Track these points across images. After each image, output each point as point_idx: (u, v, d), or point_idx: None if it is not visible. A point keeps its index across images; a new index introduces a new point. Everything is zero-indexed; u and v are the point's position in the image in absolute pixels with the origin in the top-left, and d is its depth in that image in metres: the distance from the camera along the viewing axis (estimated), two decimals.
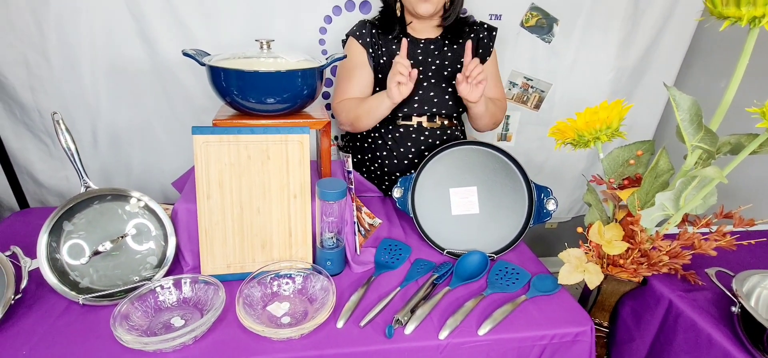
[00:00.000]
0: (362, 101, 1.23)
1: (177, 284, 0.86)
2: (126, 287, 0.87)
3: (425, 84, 1.26)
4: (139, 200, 0.91)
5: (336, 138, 1.72)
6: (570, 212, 2.02)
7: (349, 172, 1.01)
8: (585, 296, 1.19)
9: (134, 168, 1.55)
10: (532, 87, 1.70)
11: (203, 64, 0.84)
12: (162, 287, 0.84)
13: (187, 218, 0.93)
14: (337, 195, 0.88)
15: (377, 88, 1.28)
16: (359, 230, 1.09)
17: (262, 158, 0.86)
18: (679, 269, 1.02)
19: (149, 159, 1.53)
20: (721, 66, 1.68)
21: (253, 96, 0.83)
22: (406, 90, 1.09)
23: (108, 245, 0.85)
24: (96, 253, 0.84)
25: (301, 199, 0.91)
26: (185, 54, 0.85)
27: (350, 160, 0.99)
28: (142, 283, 0.87)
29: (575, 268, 0.95)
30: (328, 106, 1.64)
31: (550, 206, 1.01)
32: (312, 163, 1.17)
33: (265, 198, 0.90)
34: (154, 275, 0.91)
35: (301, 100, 0.90)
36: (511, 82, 1.69)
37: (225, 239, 0.91)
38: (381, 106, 1.17)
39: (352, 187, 0.99)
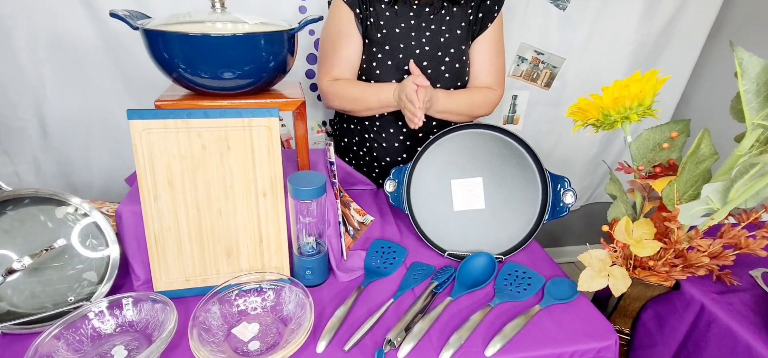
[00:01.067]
0: (363, 95, 1.08)
1: (116, 306, 0.71)
2: (57, 310, 0.71)
3: (418, 52, 1.09)
4: (68, 202, 0.75)
5: (324, 123, 1.55)
6: (578, 201, 1.90)
7: (331, 162, 0.85)
8: (599, 298, 1.06)
9: (94, 162, 1.36)
10: (542, 62, 1.53)
11: (136, 28, 0.66)
12: (95, 312, 0.68)
13: (135, 222, 0.76)
14: (314, 192, 0.72)
15: (364, 57, 1.11)
16: (347, 230, 0.93)
17: (221, 148, 0.70)
18: (715, 270, 0.89)
19: (112, 151, 1.35)
20: (753, 39, 1.51)
21: (205, 69, 0.66)
22: (420, 122, 0.95)
23: (26, 261, 0.68)
24: (10, 271, 0.68)
25: (272, 197, 0.75)
26: (113, 15, 0.67)
27: (332, 148, 0.83)
28: (77, 305, 0.71)
29: (598, 272, 0.81)
30: (313, 87, 1.46)
31: (568, 198, 0.87)
32: (287, 152, 1.01)
33: (228, 197, 0.74)
34: (94, 294, 0.75)
35: (267, 75, 0.72)
36: (519, 57, 1.52)
37: (180, 248, 0.76)
38: (385, 104, 1.06)
39: (336, 181, 0.84)
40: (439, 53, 1.10)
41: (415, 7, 1.09)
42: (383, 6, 1.08)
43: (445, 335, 0.72)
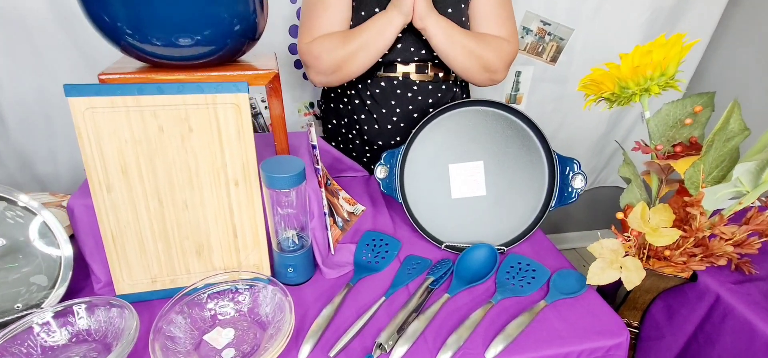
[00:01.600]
0: (352, 32, 0.90)
1: (65, 314, 0.62)
2: (1, 320, 0.62)
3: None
4: (9, 198, 0.65)
5: (312, 105, 1.45)
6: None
7: (313, 146, 0.76)
8: (604, 290, 0.99)
9: (60, 152, 1.26)
10: (549, 34, 1.42)
11: None
12: (38, 322, 0.59)
13: (90, 218, 0.67)
14: (292, 180, 0.63)
15: (352, 25, 0.96)
16: (335, 222, 0.85)
17: (182, 131, 0.60)
18: (735, 259, 0.82)
19: (75, 138, 1.24)
20: None
21: (156, 33, 0.55)
22: None
23: None
24: None
25: (245, 186, 0.66)
26: None
27: (313, 130, 0.73)
28: (22, 314, 0.62)
29: (610, 264, 0.74)
30: (299, 64, 1.35)
31: (577, 183, 0.79)
32: (265, 137, 0.91)
33: (193, 187, 0.64)
34: (45, 299, 0.66)
35: (232, 41, 0.62)
36: (524, 28, 1.41)
37: (143, 246, 0.66)
38: (389, 27, 0.87)
39: (319, 167, 0.75)
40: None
41: None
42: None
43: (442, 335, 0.66)
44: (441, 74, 1.03)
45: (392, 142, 1.09)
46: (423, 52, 0.98)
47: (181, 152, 0.61)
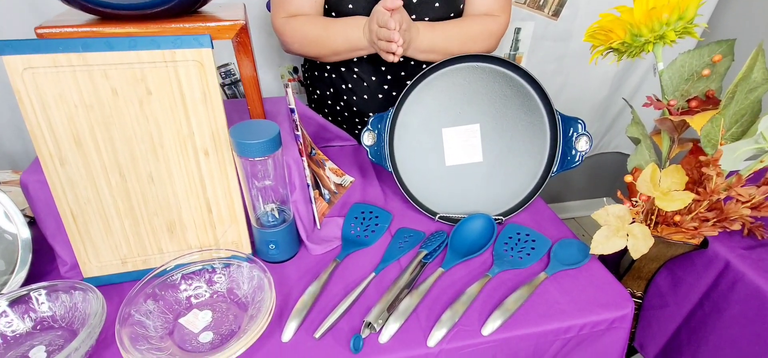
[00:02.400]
0: (326, 33, 0.88)
1: (25, 301, 0.57)
2: None
3: None
4: None
5: (295, 70, 1.37)
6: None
7: (291, 110, 0.69)
8: (606, 260, 0.96)
9: (24, 125, 1.18)
10: None
11: None
12: None
13: (47, 195, 0.61)
14: (265, 146, 0.56)
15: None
16: (322, 194, 0.80)
17: (139, 93, 0.53)
18: (748, 223, 0.77)
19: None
20: None
21: None
22: (399, 56, 0.79)
23: None
24: None
25: (216, 156, 0.60)
26: None
27: (290, 91, 0.66)
28: None
29: (615, 231, 0.69)
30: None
31: (582, 145, 0.73)
32: (238, 103, 0.85)
33: (158, 158, 0.58)
34: (5, 285, 0.61)
35: None
36: None
37: (108, 224, 0.61)
38: (355, 50, 0.88)
39: (299, 133, 0.68)
40: None
41: None
42: None
43: (436, 312, 0.62)
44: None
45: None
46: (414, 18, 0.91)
47: (141, 119, 0.55)
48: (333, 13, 0.91)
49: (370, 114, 1.01)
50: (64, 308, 0.59)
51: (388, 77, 0.97)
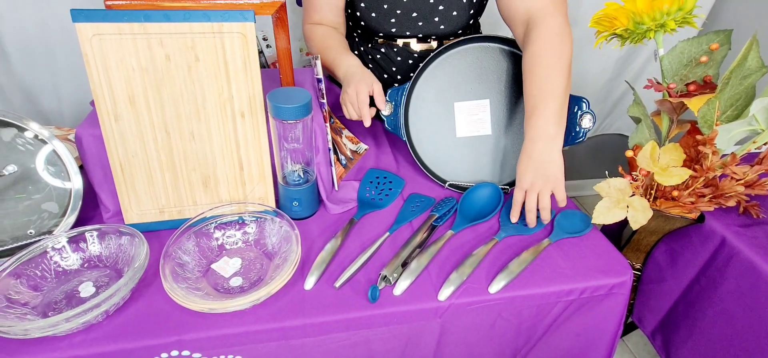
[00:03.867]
0: (335, 55, 0.87)
1: (79, 240, 0.66)
2: (14, 245, 0.66)
3: None
4: (23, 126, 0.68)
5: None
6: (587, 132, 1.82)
7: (318, 80, 0.77)
8: (609, 233, 1.01)
9: (62, 87, 1.28)
10: None
11: None
12: (54, 246, 0.63)
13: (98, 148, 0.69)
14: (299, 111, 0.65)
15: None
16: (339, 159, 0.87)
17: (189, 60, 0.61)
18: (743, 201, 0.84)
19: (78, 74, 1.26)
20: None
21: None
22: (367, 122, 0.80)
23: None
24: None
25: (251, 119, 0.68)
26: None
27: (319, 63, 0.74)
28: (36, 239, 0.66)
29: (616, 203, 0.76)
30: (299, 0, 1.34)
31: (585, 122, 0.80)
32: (271, 72, 0.93)
33: (200, 118, 0.66)
34: (57, 226, 0.70)
35: None
36: None
37: (151, 176, 0.69)
38: (336, 72, 0.87)
39: (324, 101, 0.76)
40: None
41: None
42: None
43: (446, 270, 0.68)
44: (445, 43, 0.99)
45: None
46: (421, 25, 0.94)
47: (188, 83, 0.63)
48: (362, 23, 0.95)
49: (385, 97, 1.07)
50: (110, 250, 0.67)
51: (399, 77, 1.02)
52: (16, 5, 1.12)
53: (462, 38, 0.84)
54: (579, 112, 0.79)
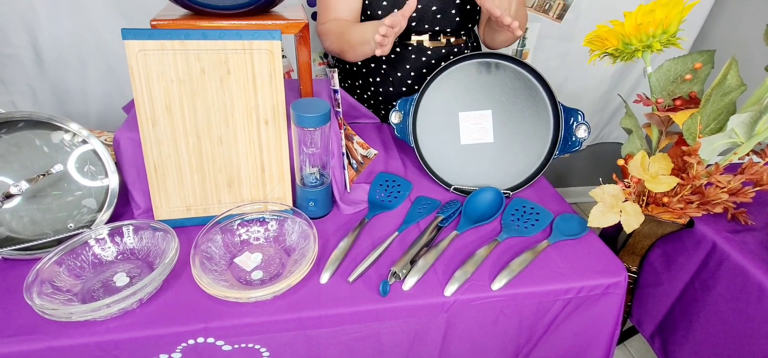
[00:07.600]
0: (348, 30, 1.03)
1: (116, 233, 0.75)
2: (57, 237, 0.76)
3: None
4: (65, 128, 0.78)
5: (325, 56, 1.56)
6: (585, 141, 1.94)
7: (335, 91, 0.88)
8: (606, 237, 1.10)
9: (90, 91, 1.40)
10: None
11: None
12: (96, 239, 0.74)
13: (133, 150, 0.80)
14: (319, 119, 0.75)
15: (366, 2, 1.08)
16: (350, 164, 0.98)
17: (221, 73, 0.72)
18: (731, 208, 0.93)
19: (107, 79, 1.38)
20: None
21: None
22: (383, 51, 0.90)
23: (23, 186, 0.73)
24: (7, 196, 0.73)
25: (274, 125, 0.79)
26: None
27: (336, 75, 0.85)
28: (77, 232, 0.76)
29: (610, 208, 0.85)
30: (316, 16, 1.46)
31: (581, 132, 0.90)
32: (290, 82, 1.04)
33: (228, 124, 0.77)
34: (94, 221, 0.80)
35: None
36: None
37: (181, 177, 0.80)
38: (365, 46, 0.99)
39: (340, 110, 0.87)
40: None
41: None
42: None
43: (451, 268, 0.75)
44: (453, 39, 1.15)
45: None
46: (435, 24, 1.10)
47: (220, 93, 0.73)
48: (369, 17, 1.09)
49: (394, 103, 1.19)
50: (142, 244, 0.76)
51: (412, 74, 1.16)
52: (55, 17, 1.25)
53: (466, 55, 0.95)
54: (575, 123, 0.89)
